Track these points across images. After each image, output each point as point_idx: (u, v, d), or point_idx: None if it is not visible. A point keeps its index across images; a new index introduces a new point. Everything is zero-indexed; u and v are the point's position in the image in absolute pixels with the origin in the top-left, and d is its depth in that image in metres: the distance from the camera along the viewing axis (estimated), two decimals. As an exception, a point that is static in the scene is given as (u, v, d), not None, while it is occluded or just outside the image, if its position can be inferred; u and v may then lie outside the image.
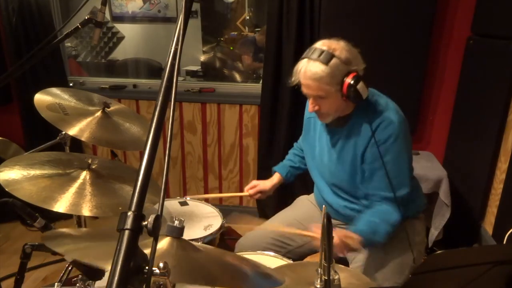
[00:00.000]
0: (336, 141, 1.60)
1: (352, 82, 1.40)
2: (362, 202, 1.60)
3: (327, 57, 1.40)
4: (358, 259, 1.58)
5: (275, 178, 1.89)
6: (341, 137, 1.58)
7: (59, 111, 1.61)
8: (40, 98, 1.63)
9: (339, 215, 1.69)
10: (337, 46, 1.43)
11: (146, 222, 0.60)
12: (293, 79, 1.49)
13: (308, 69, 1.42)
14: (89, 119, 1.62)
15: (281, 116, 2.73)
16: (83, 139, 1.54)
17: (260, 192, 1.87)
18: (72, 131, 1.54)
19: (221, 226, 1.78)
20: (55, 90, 1.73)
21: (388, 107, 1.53)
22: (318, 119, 1.58)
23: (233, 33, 4.08)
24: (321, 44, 1.45)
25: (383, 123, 1.48)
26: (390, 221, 1.49)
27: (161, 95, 0.70)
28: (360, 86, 1.41)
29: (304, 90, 1.48)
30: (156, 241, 0.61)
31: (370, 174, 1.52)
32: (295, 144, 1.99)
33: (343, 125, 1.57)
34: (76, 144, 2.49)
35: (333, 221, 1.70)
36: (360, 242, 1.43)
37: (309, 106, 1.52)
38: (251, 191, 1.87)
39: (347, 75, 1.41)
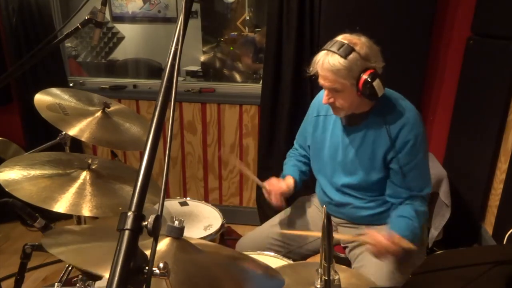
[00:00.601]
0: (353, 139, 1.59)
1: (368, 78, 1.40)
2: (381, 199, 1.61)
3: (347, 51, 1.40)
4: (360, 259, 1.58)
5: (290, 180, 1.72)
6: (358, 135, 1.58)
7: (59, 111, 1.61)
8: (40, 98, 1.64)
9: (343, 213, 1.69)
10: (358, 41, 1.44)
11: (146, 222, 0.60)
12: (311, 69, 1.49)
13: (326, 60, 1.42)
14: (89, 119, 1.62)
15: (281, 116, 2.73)
16: (83, 139, 1.54)
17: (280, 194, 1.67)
18: (72, 131, 1.54)
19: (221, 226, 1.79)
20: (55, 90, 1.73)
21: (407, 106, 1.55)
22: (332, 112, 1.58)
23: (233, 33, 4.08)
24: (342, 38, 1.45)
25: (407, 125, 1.50)
26: (423, 221, 1.53)
27: (161, 95, 0.70)
28: (376, 83, 1.41)
29: (321, 81, 1.48)
30: (156, 241, 0.61)
31: (400, 178, 1.53)
32: (292, 152, 1.90)
33: (359, 123, 1.57)
34: (76, 144, 2.49)
35: (337, 220, 1.72)
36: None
37: (324, 97, 1.51)
38: (272, 196, 1.65)
39: (364, 71, 1.41)
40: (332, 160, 1.66)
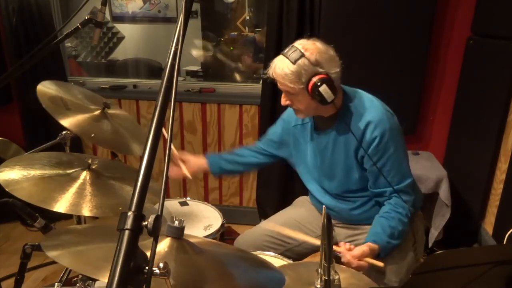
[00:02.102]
0: (326, 143, 1.62)
1: (317, 83, 1.42)
2: (362, 200, 1.62)
3: (296, 56, 1.43)
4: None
5: (202, 159, 1.83)
6: (330, 138, 1.60)
7: (61, 105, 1.60)
8: (43, 89, 1.62)
9: (337, 216, 1.70)
10: (310, 46, 1.45)
11: (146, 222, 0.60)
12: (265, 72, 1.54)
13: (278, 65, 1.47)
14: (89, 116, 1.63)
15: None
16: (78, 133, 1.54)
17: (181, 161, 1.78)
18: (71, 125, 1.54)
19: (221, 226, 1.79)
20: (59, 83, 1.72)
21: (373, 105, 1.55)
22: (295, 114, 1.61)
23: (233, 33, 4.07)
24: (298, 43, 1.48)
25: (371, 123, 1.50)
26: (403, 218, 1.52)
27: (161, 95, 0.70)
28: (323, 88, 1.42)
29: (278, 84, 1.53)
30: (156, 241, 0.61)
31: (375, 175, 1.54)
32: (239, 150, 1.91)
33: (330, 126, 1.59)
34: (76, 144, 2.49)
35: (332, 221, 1.71)
36: (380, 250, 1.46)
37: (282, 99, 1.57)
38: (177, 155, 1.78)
39: (314, 76, 1.43)
40: (314, 166, 1.68)
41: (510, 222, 1.94)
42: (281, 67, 1.46)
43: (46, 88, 1.64)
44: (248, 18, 4.06)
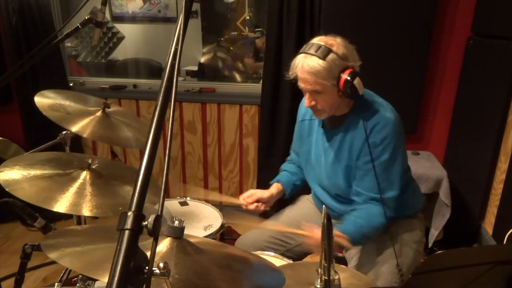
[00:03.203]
0: (332, 142, 1.60)
1: (348, 77, 1.41)
2: (352, 198, 1.60)
3: (325, 52, 1.41)
4: (354, 259, 1.59)
5: (274, 189, 1.76)
6: (337, 137, 1.58)
7: (61, 110, 1.62)
8: (40, 100, 1.64)
9: (338, 217, 1.69)
10: (333, 42, 1.45)
11: (146, 222, 0.60)
12: (290, 73, 1.50)
13: (306, 63, 1.42)
14: (90, 118, 1.63)
15: (281, 116, 2.73)
16: (85, 135, 1.55)
17: (258, 201, 1.69)
18: (75, 128, 1.55)
19: (221, 226, 1.78)
20: (52, 92, 1.74)
21: (383, 107, 1.54)
22: (314, 115, 1.59)
23: (233, 33, 4.07)
24: (318, 40, 1.46)
25: (379, 125, 1.49)
26: (374, 224, 1.51)
27: (161, 95, 0.70)
28: (357, 81, 1.42)
29: (301, 84, 1.49)
30: (156, 241, 0.61)
31: (362, 174, 1.53)
32: (290, 159, 1.89)
33: (339, 125, 1.58)
34: (76, 144, 2.49)
35: (333, 221, 1.71)
36: (348, 240, 1.46)
37: (305, 101, 1.52)
38: (249, 200, 1.69)
39: (343, 70, 1.42)
40: (318, 164, 1.67)
41: (510, 222, 1.94)
42: (311, 64, 1.41)
43: (44, 97, 1.66)
44: (248, 18, 4.06)
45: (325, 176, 1.66)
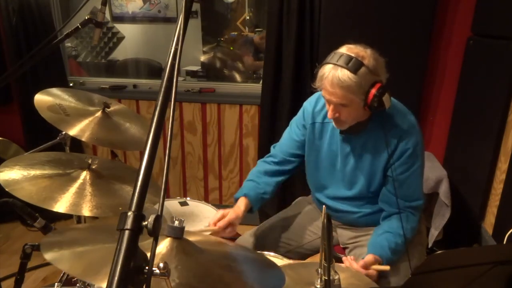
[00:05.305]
0: (353, 148, 1.56)
1: (377, 93, 1.36)
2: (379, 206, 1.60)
3: (356, 66, 1.34)
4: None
5: (242, 206, 1.65)
6: (358, 143, 1.55)
7: (60, 112, 1.61)
8: (40, 99, 1.63)
9: (339, 217, 1.69)
10: (365, 53, 1.39)
11: (146, 222, 0.60)
12: (317, 84, 1.43)
13: (336, 76, 1.35)
14: (89, 119, 1.63)
15: (281, 116, 2.73)
16: (83, 139, 1.54)
17: (231, 224, 1.58)
18: (73, 131, 1.54)
19: (221, 226, 1.78)
20: (55, 90, 1.73)
21: (406, 114, 1.52)
22: (335, 125, 1.53)
23: (233, 33, 4.07)
24: (347, 50, 1.39)
25: (406, 133, 1.48)
26: (409, 235, 1.52)
27: (161, 95, 0.70)
28: (385, 97, 1.38)
29: (327, 96, 1.42)
30: (156, 241, 0.61)
31: (399, 184, 1.50)
32: (262, 163, 1.77)
33: (358, 132, 1.54)
34: (76, 144, 2.49)
35: (334, 222, 1.71)
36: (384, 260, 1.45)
37: (329, 112, 1.45)
38: (221, 224, 1.57)
39: (373, 85, 1.37)
40: (331, 168, 1.63)
41: (510, 222, 1.93)
42: (342, 78, 1.34)
43: (43, 97, 1.65)
44: (248, 18, 4.06)
45: (341, 180, 1.62)
